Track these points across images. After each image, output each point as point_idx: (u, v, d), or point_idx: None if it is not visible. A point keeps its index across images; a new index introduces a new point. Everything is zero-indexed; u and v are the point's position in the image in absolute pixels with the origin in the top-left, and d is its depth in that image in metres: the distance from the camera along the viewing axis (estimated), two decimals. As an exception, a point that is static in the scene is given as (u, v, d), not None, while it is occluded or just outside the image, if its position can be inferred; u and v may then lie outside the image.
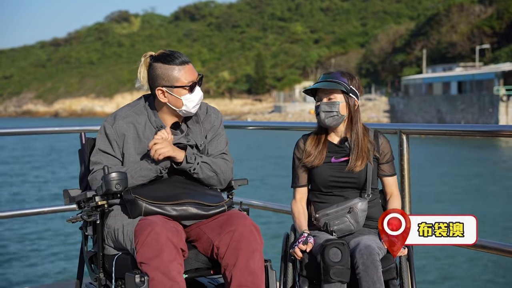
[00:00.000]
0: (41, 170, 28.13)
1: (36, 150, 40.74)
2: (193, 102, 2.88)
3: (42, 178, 24.87)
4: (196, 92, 2.89)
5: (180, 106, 2.87)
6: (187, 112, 2.90)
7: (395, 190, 3.14)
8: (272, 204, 4.70)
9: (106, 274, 2.78)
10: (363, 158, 3.02)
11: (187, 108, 2.88)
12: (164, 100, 2.88)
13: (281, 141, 37.74)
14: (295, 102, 76.14)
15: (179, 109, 2.88)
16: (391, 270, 2.89)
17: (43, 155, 36.44)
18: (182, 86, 2.85)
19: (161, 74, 2.85)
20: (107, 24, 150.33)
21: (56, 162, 32.15)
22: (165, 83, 2.85)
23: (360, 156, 3.02)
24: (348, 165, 3.03)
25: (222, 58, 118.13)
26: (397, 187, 3.17)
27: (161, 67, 2.86)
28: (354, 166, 3.02)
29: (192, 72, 2.89)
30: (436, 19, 79.71)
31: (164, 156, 2.76)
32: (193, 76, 2.88)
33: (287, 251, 3.06)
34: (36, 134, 4.62)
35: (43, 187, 22.28)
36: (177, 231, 2.69)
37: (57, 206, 4.51)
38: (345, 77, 3.06)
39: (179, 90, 2.85)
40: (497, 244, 3.21)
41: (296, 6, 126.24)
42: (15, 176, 25.48)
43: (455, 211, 16.42)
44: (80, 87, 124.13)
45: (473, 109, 49.92)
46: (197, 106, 2.92)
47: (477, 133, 3.45)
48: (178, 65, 2.85)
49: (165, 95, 2.87)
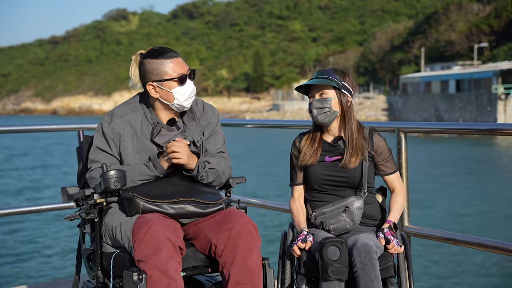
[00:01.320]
0: (38, 167, 28.10)
1: (35, 148, 40.71)
2: (184, 95, 2.87)
3: (40, 176, 24.85)
4: (187, 85, 2.88)
5: (172, 100, 2.87)
6: (180, 106, 2.89)
7: (397, 186, 3.13)
8: (270, 202, 4.71)
9: (104, 272, 2.78)
10: (357, 155, 3.02)
11: (179, 102, 2.87)
12: (156, 95, 2.88)
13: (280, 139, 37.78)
14: (293, 100, 76.13)
15: (171, 103, 2.87)
16: (389, 268, 2.89)
17: (41, 153, 36.40)
18: (171, 78, 2.85)
19: (150, 69, 2.86)
20: (105, 22, 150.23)
21: (53, 159, 32.12)
22: (155, 77, 2.86)
23: (355, 153, 3.01)
24: (342, 161, 3.03)
25: (220, 56, 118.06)
26: (400, 181, 3.15)
27: (149, 63, 2.86)
28: (349, 163, 3.01)
29: (182, 65, 2.88)
30: (435, 17, 79.76)
31: (177, 163, 2.78)
32: (182, 69, 2.88)
33: (285, 249, 3.06)
34: (34, 132, 4.61)
35: (41, 184, 22.26)
36: (175, 229, 2.69)
37: (55, 204, 4.50)
38: (337, 74, 3.06)
39: (169, 83, 2.85)
40: (495, 243, 3.22)
41: (295, 4, 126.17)
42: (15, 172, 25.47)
43: (454, 209, 16.44)
44: (78, 85, 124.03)
45: (471, 107, 49.97)
46: (190, 99, 2.90)
47: (475, 131, 3.46)
48: (167, 58, 2.85)
49: (156, 90, 2.87)
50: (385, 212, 3.15)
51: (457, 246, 3.40)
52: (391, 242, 2.88)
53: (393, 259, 2.94)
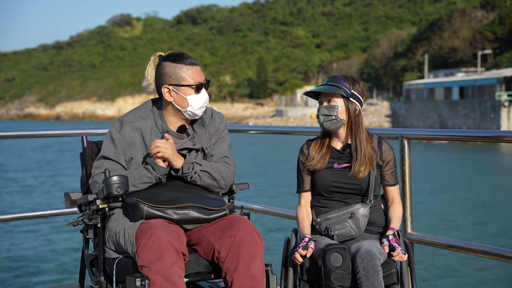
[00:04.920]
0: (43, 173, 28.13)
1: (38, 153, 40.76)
2: (198, 104, 2.88)
3: (43, 181, 24.87)
4: (202, 94, 2.90)
5: (186, 106, 2.87)
6: (192, 114, 2.90)
7: (396, 197, 3.14)
8: (273, 209, 4.69)
9: (107, 278, 2.78)
10: (366, 165, 3.02)
11: (192, 109, 2.88)
12: (170, 99, 2.88)
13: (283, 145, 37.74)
14: (296, 106, 76.18)
15: (184, 109, 2.88)
16: (392, 275, 2.89)
17: (44, 159, 36.44)
18: (189, 85, 2.86)
19: (169, 72, 2.87)
20: (109, 28, 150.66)
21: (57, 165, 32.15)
22: (172, 81, 2.86)
23: (363, 162, 3.02)
24: (351, 171, 3.03)
25: (224, 62, 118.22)
26: (399, 194, 3.18)
27: (169, 66, 2.87)
28: (358, 172, 3.01)
29: (200, 74, 2.90)
30: (438, 24, 79.78)
31: (162, 156, 2.76)
32: (200, 78, 2.90)
33: (288, 255, 3.05)
34: (37, 137, 4.61)
35: (44, 190, 22.27)
36: (178, 234, 2.68)
37: (58, 209, 4.50)
38: (347, 82, 3.06)
39: (186, 89, 2.86)
40: (499, 250, 3.21)
41: (298, 10, 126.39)
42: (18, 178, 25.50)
43: (457, 217, 16.40)
44: (82, 90, 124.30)
45: (474, 114, 49.90)
46: (202, 109, 2.92)
47: (479, 138, 3.45)
48: (187, 64, 2.87)
49: (171, 93, 2.88)
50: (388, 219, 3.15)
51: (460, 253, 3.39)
52: (396, 249, 2.87)
53: (396, 266, 2.94)
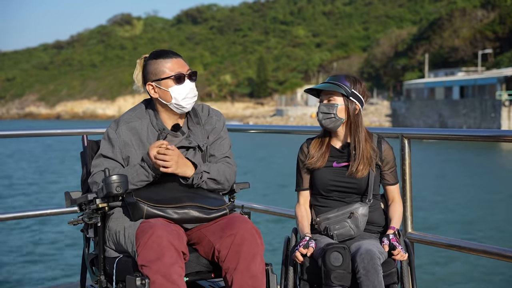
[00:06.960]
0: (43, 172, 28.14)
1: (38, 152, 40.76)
2: (181, 95, 2.87)
3: (43, 180, 24.87)
4: (185, 85, 2.88)
5: (169, 99, 2.88)
6: (178, 106, 2.89)
7: (396, 196, 3.14)
8: (274, 208, 4.69)
9: (107, 277, 2.78)
10: (365, 165, 3.01)
11: (177, 101, 2.87)
12: (155, 95, 2.90)
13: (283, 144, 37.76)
14: (297, 105, 76.18)
15: (169, 103, 2.88)
16: (392, 275, 2.88)
17: (44, 158, 36.44)
18: (168, 77, 2.86)
19: (150, 69, 2.89)
20: (110, 27, 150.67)
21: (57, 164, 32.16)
22: (153, 77, 2.88)
23: (362, 162, 3.01)
24: (349, 170, 3.02)
25: (224, 62, 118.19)
26: (399, 194, 3.17)
27: (150, 63, 2.89)
28: (356, 172, 3.01)
29: (180, 65, 2.89)
30: (439, 23, 79.75)
31: (162, 166, 2.75)
32: (180, 68, 2.89)
33: (288, 254, 3.05)
34: (38, 136, 4.61)
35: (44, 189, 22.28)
36: (178, 234, 2.68)
37: (58, 208, 4.50)
38: (348, 81, 3.05)
39: (166, 82, 2.87)
40: (500, 250, 3.20)
41: (298, 9, 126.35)
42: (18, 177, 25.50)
43: (457, 216, 16.39)
44: (82, 90, 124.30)
45: (475, 114, 49.89)
46: (189, 100, 2.90)
47: (479, 138, 3.44)
48: (165, 58, 2.88)
49: (155, 90, 2.89)
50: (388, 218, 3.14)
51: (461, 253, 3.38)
52: (397, 248, 2.87)
53: (396, 266, 2.94)
